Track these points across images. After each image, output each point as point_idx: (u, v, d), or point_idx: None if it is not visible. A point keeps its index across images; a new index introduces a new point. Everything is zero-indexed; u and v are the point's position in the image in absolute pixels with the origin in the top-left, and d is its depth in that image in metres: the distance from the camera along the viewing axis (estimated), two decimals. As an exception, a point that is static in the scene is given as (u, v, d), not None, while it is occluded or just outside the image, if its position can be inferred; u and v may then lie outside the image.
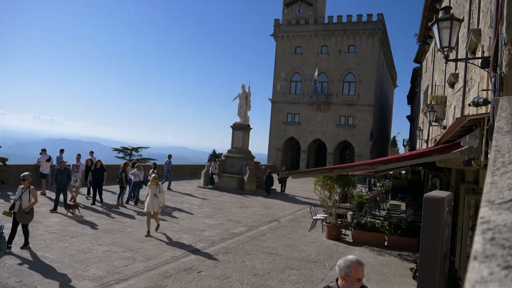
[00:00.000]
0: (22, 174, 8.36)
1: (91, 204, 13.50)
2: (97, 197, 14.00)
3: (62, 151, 17.30)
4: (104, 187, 14.49)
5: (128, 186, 14.70)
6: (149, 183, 10.44)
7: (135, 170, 14.62)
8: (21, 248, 7.98)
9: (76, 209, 11.70)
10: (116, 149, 44.05)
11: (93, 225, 10.61)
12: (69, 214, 11.52)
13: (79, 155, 15.01)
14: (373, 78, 39.50)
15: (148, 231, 10.08)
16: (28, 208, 8.04)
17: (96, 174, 13.96)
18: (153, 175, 10.59)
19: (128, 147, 44.04)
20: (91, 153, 18.26)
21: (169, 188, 19.43)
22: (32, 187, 8.21)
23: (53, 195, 12.83)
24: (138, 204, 14.47)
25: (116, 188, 15.30)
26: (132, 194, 14.64)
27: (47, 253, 7.90)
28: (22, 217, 8.02)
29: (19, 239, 8.12)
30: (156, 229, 10.42)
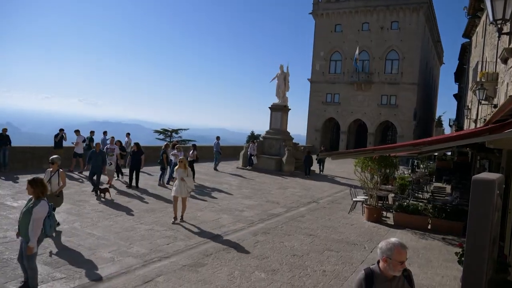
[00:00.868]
0: (51, 157, 8.09)
1: (127, 187, 13.28)
2: (134, 182, 13.56)
3: (105, 133, 17.96)
4: (144, 169, 14.83)
5: (169, 167, 15.06)
6: (176, 167, 9.88)
7: (176, 151, 14.92)
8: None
9: (107, 193, 11.47)
10: (156, 131, 45.26)
11: (135, 205, 10.98)
12: (103, 198, 11.28)
13: (113, 137, 14.92)
14: (417, 55, 37.81)
15: (175, 217, 9.46)
16: (58, 191, 7.86)
17: (133, 158, 13.63)
18: (180, 157, 10.10)
19: (168, 129, 45.12)
20: (127, 134, 18.84)
21: (215, 169, 20.11)
22: (61, 170, 7.98)
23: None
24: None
25: (154, 169, 15.71)
26: (173, 174, 15.00)
27: (93, 230, 8.28)
28: (53, 201, 7.72)
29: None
30: (182, 216, 9.62)
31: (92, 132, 17.69)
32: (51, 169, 7.89)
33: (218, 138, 21.29)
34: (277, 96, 23.58)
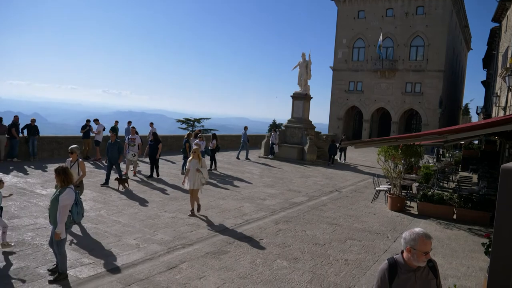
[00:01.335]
0: (70, 147, 8.04)
1: (147, 178, 13.14)
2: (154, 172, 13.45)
3: (129, 123, 18.26)
4: (168, 158, 15.02)
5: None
6: (190, 158, 9.30)
7: (198, 140, 15.05)
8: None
9: (126, 184, 11.28)
10: (179, 121, 45.78)
11: (159, 193, 11.18)
12: (120, 189, 11.12)
13: (133, 128, 14.69)
14: (443, 41, 36.68)
15: (192, 210, 9.17)
16: (78, 181, 7.77)
17: (151, 147, 13.46)
18: (194, 147, 9.42)
19: (191, 118, 45.53)
20: (151, 124, 19.11)
21: (247, 158, 20.48)
22: (80, 160, 7.94)
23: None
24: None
25: (178, 158, 15.89)
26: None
27: (119, 218, 8.49)
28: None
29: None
30: (198, 209, 9.31)
31: (116, 122, 18.04)
32: (71, 158, 7.87)
33: (246, 128, 21.50)
34: (299, 85, 23.39)
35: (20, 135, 15.01)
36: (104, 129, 16.78)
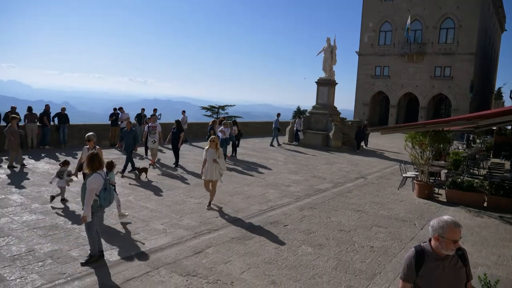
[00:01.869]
0: (87, 134, 8.10)
1: (173, 165, 13.15)
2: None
3: (155, 110, 18.54)
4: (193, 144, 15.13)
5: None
6: (206, 147, 8.65)
7: (223, 127, 15.14)
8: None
9: (145, 173, 11.01)
10: (204, 108, 46.07)
11: (184, 180, 11.34)
12: (143, 178, 10.96)
13: (153, 115, 14.36)
14: (475, 22, 35.23)
15: (210, 202, 8.75)
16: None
17: (174, 135, 13.20)
18: (212, 136, 8.74)
19: (215, 106, 45.73)
20: (183, 112, 19.32)
21: (271, 145, 20.57)
22: (97, 147, 7.93)
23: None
24: (226, 160, 15.08)
25: (203, 145, 15.99)
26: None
27: (147, 203, 8.68)
28: None
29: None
30: (210, 203, 8.74)
31: (142, 109, 18.35)
32: (88, 146, 7.91)
33: (278, 115, 21.56)
34: (324, 70, 23.07)
35: (51, 123, 15.49)
36: (128, 117, 17.12)
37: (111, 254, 5.89)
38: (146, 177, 11.07)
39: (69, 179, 8.33)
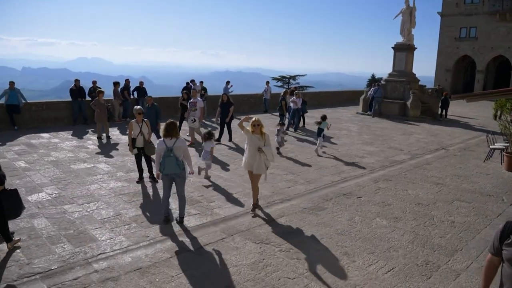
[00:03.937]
0: (135, 107, 8.17)
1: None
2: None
3: (228, 82, 18.84)
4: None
5: (287, 113, 15.28)
6: (250, 131, 6.40)
7: (294, 97, 14.99)
8: (150, 178, 8.12)
9: (202, 171, 9.65)
10: (274, 78, 45.92)
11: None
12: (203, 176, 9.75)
13: (194, 90, 12.96)
14: None
15: (254, 204, 6.72)
16: (149, 139, 7.98)
17: (223, 110, 12.09)
18: (252, 119, 6.39)
19: (286, 76, 45.38)
20: (267, 83, 19.46)
21: (373, 116, 19.99)
22: (145, 119, 8.04)
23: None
24: (298, 130, 15.00)
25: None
26: (292, 121, 15.20)
27: (221, 173, 8.99)
28: (150, 149, 7.88)
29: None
30: (254, 204, 6.71)
31: (201, 83, 18.32)
32: (136, 119, 7.87)
33: (379, 84, 20.79)
34: (401, 35, 21.59)
35: (131, 97, 16.46)
36: (200, 90, 17.44)
37: (188, 220, 6.23)
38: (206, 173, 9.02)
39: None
